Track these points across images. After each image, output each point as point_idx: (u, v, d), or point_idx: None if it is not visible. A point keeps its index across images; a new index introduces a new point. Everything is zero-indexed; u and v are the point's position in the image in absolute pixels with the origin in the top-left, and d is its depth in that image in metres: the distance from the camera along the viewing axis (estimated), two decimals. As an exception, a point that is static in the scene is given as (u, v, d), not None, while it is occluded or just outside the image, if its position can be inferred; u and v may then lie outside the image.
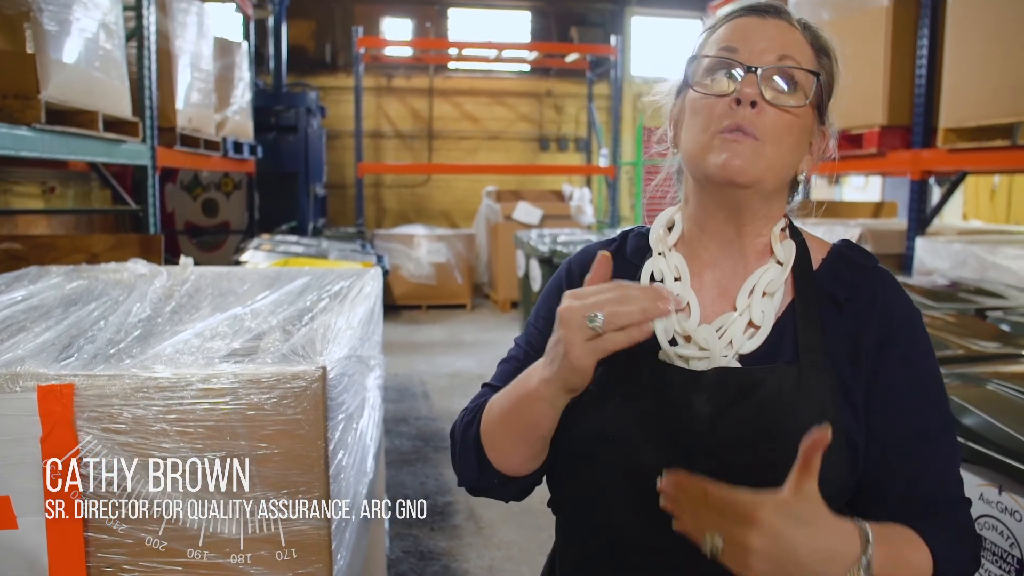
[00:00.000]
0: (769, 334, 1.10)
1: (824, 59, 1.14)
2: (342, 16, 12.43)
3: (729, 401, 1.05)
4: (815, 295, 1.12)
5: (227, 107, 6.63)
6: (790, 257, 1.13)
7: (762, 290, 1.12)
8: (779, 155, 1.09)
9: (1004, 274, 3.76)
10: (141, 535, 1.32)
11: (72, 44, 3.43)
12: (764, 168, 1.08)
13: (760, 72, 1.08)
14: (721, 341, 1.10)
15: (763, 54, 1.09)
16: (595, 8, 13.14)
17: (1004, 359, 2.38)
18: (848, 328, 1.09)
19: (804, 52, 1.12)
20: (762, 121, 1.07)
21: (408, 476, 4.56)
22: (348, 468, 1.59)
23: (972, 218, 9.56)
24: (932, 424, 1.08)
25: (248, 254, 4.92)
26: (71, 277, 2.16)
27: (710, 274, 1.16)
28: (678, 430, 1.06)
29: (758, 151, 1.07)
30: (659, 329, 1.12)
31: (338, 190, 12.39)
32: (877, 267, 1.15)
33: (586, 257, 1.29)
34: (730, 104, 1.08)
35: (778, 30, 1.11)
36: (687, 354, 1.10)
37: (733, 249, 1.15)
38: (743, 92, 1.07)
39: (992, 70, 3.72)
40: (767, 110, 1.07)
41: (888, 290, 1.12)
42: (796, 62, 1.09)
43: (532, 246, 6.51)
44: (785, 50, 1.10)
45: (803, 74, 1.10)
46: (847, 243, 1.19)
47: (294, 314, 1.87)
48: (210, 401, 1.32)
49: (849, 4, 4.75)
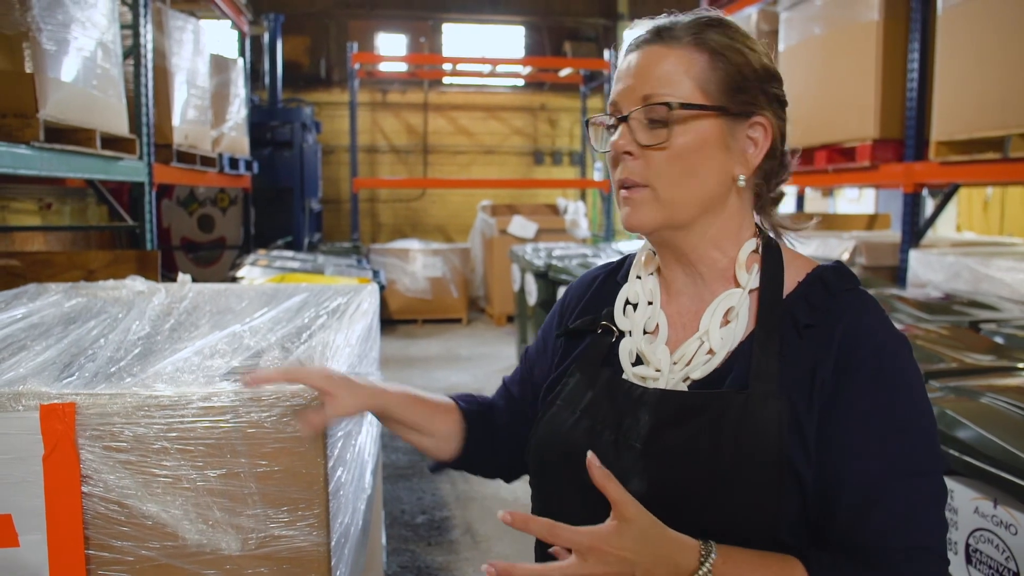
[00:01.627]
0: (726, 360, 1.09)
1: (719, 59, 1.09)
2: (337, 32, 12.49)
3: (667, 422, 1.07)
4: (778, 321, 1.08)
5: (223, 123, 6.66)
6: (751, 282, 1.12)
7: (721, 316, 1.12)
8: (673, 189, 1.09)
9: (998, 286, 3.78)
10: (142, 552, 1.32)
11: (70, 63, 3.45)
12: (664, 211, 1.11)
13: (629, 120, 1.10)
14: (679, 364, 1.12)
15: (633, 95, 1.10)
16: (588, 23, 13.22)
17: (998, 372, 2.39)
18: (807, 356, 1.05)
19: (673, 75, 1.08)
20: (645, 166, 1.09)
21: (405, 491, 4.55)
22: (347, 485, 1.60)
23: (966, 230, 9.59)
24: (889, 468, 1.00)
25: (244, 270, 4.93)
26: (70, 295, 2.17)
27: (682, 300, 1.19)
28: (618, 446, 1.09)
29: (650, 198, 1.10)
30: (623, 349, 1.18)
31: (333, 205, 12.41)
32: (853, 291, 1.10)
33: (582, 283, 1.36)
34: (614, 160, 1.13)
35: (648, 63, 1.10)
36: (644, 374, 1.14)
37: (693, 276, 1.18)
38: (616, 146, 1.11)
39: (982, 83, 3.75)
40: (647, 153, 1.09)
41: (856, 316, 1.06)
42: (658, 94, 1.08)
43: (527, 260, 6.53)
44: (648, 86, 1.09)
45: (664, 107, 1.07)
46: (832, 267, 1.14)
47: (292, 331, 1.88)
48: (211, 419, 1.33)
49: (840, 19, 4.79)
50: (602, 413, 1.13)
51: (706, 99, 1.08)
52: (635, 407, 1.10)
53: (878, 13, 4.46)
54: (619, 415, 1.11)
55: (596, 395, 1.16)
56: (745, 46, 1.11)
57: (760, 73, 1.11)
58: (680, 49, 1.09)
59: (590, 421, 1.14)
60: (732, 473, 1.00)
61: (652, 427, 1.07)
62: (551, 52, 12.98)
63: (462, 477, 4.78)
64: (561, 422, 1.17)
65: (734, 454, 1.01)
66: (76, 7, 3.51)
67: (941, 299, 3.57)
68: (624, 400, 1.12)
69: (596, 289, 1.32)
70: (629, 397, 1.12)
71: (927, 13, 4.29)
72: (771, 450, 1.00)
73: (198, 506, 1.33)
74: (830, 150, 4.91)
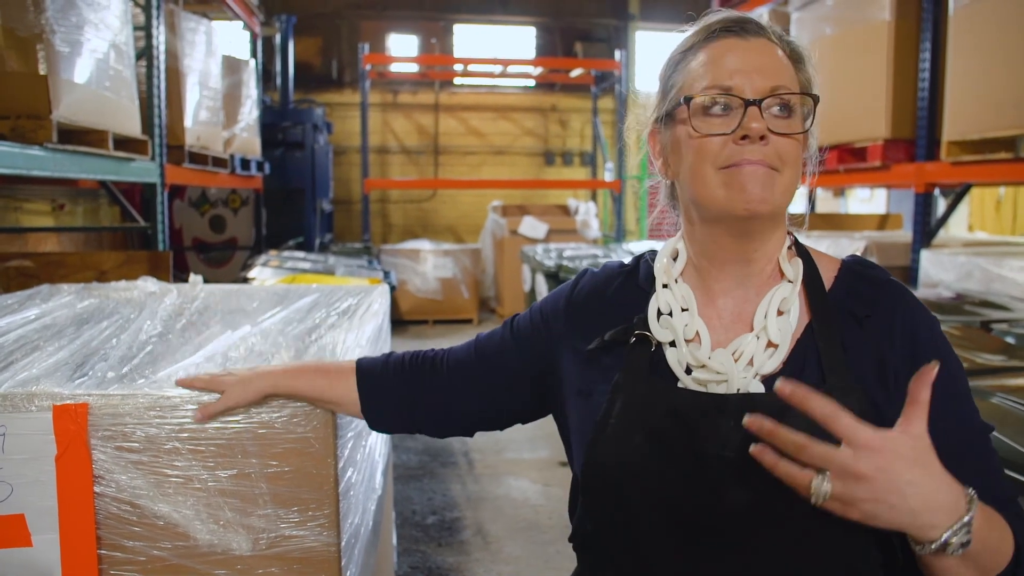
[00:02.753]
0: (790, 353, 1.09)
1: (801, 67, 1.14)
2: (348, 33, 12.51)
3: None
4: (832, 313, 1.11)
5: (235, 124, 6.69)
6: (798, 274, 1.13)
7: (776, 308, 1.11)
8: (792, 180, 1.11)
9: (1009, 286, 3.76)
10: (154, 552, 1.33)
11: (83, 65, 3.47)
12: (780, 195, 1.09)
13: (761, 105, 1.08)
14: (739, 364, 1.09)
15: (757, 83, 1.09)
16: (599, 23, 13.20)
17: (1009, 372, 2.38)
18: (871, 345, 1.08)
19: (788, 71, 1.12)
20: (773, 151, 1.08)
21: (415, 491, 4.56)
22: (357, 485, 1.61)
23: (978, 230, 9.54)
24: (970, 437, 1.07)
25: (256, 270, 4.95)
26: (82, 296, 2.18)
27: (723, 301, 1.16)
28: (706, 458, 1.04)
29: (775, 180, 1.08)
30: (672, 360, 1.13)
31: (344, 206, 12.43)
32: (892, 280, 1.15)
33: (594, 286, 1.28)
34: (734, 140, 1.08)
35: (763, 53, 1.11)
36: (704, 379, 1.10)
37: (744, 276, 1.15)
38: (750, 128, 1.07)
39: (994, 83, 3.74)
40: (773, 139, 1.08)
41: (907, 304, 1.11)
42: (788, 87, 1.10)
43: (538, 261, 6.53)
44: (777, 77, 1.09)
45: (797, 97, 1.10)
46: (856, 259, 1.19)
47: (303, 331, 1.90)
48: (221, 420, 1.34)
49: (851, 19, 4.77)
50: (672, 427, 1.07)
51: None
52: (714, 416, 1.05)
53: (889, 13, 4.45)
54: (694, 426, 1.06)
55: (659, 409, 1.09)
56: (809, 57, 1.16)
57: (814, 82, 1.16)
58: (778, 49, 1.12)
59: (658, 435, 1.08)
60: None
61: (744, 434, 0.99)
62: (562, 53, 12.97)
63: (472, 478, 4.79)
64: (625, 442, 1.10)
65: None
66: (89, 9, 3.54)
67: (952, 299, 3.55)
68: (695, 410, 1.07)
69: (615, 294, 1.25)
70: (702, 406, 1.07)
71: (939, 13, 4.28)
72: None
73: (209, 506, 1.34)
74: (841, 150, 4.90)
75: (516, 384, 1.31)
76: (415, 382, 1.35)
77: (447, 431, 1.38)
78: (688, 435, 1.06)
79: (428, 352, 1.40)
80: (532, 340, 1.30)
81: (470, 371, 1.34)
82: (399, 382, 1.36)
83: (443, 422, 1.36)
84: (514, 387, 1.31)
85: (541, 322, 1.30)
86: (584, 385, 1.20)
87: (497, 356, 1.33)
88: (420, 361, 1.38)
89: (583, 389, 1.20)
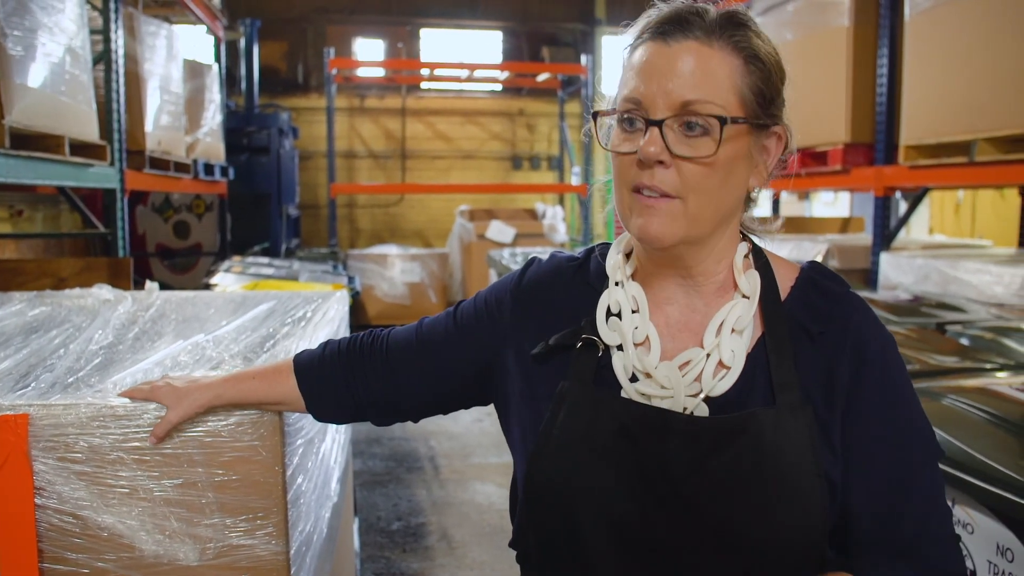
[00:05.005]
0: (741, 373, 1.04)
1: (754, 65, 1.03)
2: (314, 37, 12.45)
3: (707, 451, 1.00)
4: (785, 327, 1.06)
5: (198, 129, 6.62)
6: (755, 290, 1.07)
7: (731, 327, 1.05)
8: (703, 204, 1.01)
9: (965, 288, 3.82)
10: (98, 564, 1.31)
11: (37, 69, 3.42)
12: (686, 225, 1.01)
13: (663, 125, 0.99)
14: (685, 379, 1.04)
15: (666, 98, 0.99)
16: (566, 28, 13.25)
17: (961, 373, 2.42)
18: (823, 360, 1.04)
19: (716, 80, 1.00)
20: (674, 176, 1.00)
21: (381, 497, 4.54)
22: (308, 492, 1.59)
23: (938, 232, 9.70)
24: (912, 459, 1.03)
25: (219, 276, 4.90)
26: (34, 304, 2.14)
27: (669, 308, 1.11)
28: (652, 477, 1.01)
29: (675, 210, 1.00)
30: (618, 365, 1.07)
31: (311, 210, 12.37)
32: (849, 293, 1.10)
33: (542, 274, 1.22)
34: (636, 163, 1.00)
35: (684, 61, 1.00)
36: (649, 392, 1.05)
37: (688, 287, 1.10)
38: (645, 153, 0.98)
39: (950, 88, 3.79)
40: (681, 164, 0.99)
41: (860, 318, 1.07)
42: (705, 101, 0.99)
43: (505, 265, 6.54)
44: (693, 90, 0.99)
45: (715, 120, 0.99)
46: (815, 267, 1.13)
47: (256, 341, 1.88)
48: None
49: (811, 24, 4.82)
50: (618, 444, 1.03)
51: (743, 109, 1.02)
52: (659, 435, 1.01)
53: (848, 19, 4.50)
54: (639, 444, 1.02)
55: (604, 423, 1.04)
56: (771, 46, 1.06)
57: (781, 76, 1.07)
58: (716, 50, 1.01)
59: (603, 454, 1.03)
60: (779, 491, 0.97)
61: (691, 456, 0.99)
62: (529, 57, 12.99)
63: (438, 483, 4.78)
64: (569, 458, 1.05)
65: (776, 472, 0.98)
66: (43, 12, 3.49)
67: (910, 301, 3.60)
68: (641, 426, 1.02)
69: (563, 291, 1.18)
70: (649, 423, 1.02)
71: (895, 19, 4.33)
72: (808, 460, 0.98)
73: (155, 516, 1.33)
74: (803, 154, 4.95)
75: (459, 373, 1.26)
76: (354, 370, 1.30)
77: (390, 419, 1.33)
78: (634, 452, 1.02)
79: (366, 336, 1.34)
80: (476, 331, 1.24)
81: (412, 358, 1.28)
82: (336, 372, 1.31)
83: (385, 410, 1.31)
84: (456, 376, 1.26)
85: (486, 313, 1.24)
86: (528, 388, 1.15)
87: (440, 345, 1.26)
88: (359, 348, 1.32)
89: (526, 392, 1.15)
